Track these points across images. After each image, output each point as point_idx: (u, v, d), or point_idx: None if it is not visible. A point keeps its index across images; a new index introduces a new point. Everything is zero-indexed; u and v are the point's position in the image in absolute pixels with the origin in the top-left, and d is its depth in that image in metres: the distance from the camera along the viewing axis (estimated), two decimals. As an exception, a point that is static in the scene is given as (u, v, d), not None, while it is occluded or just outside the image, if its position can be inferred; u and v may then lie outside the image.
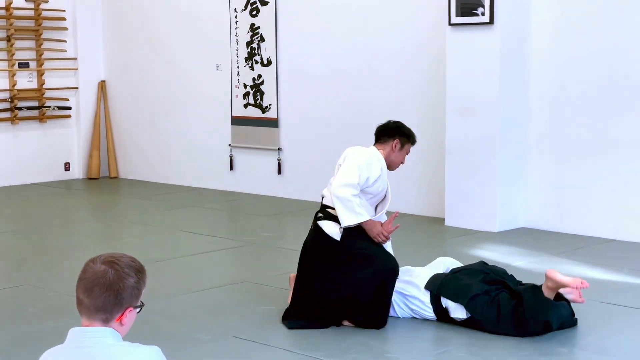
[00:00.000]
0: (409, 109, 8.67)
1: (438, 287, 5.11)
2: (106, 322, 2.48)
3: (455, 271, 5.26)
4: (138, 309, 2.56)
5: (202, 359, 4.60)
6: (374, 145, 5.38)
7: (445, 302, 5.06)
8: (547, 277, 4.85)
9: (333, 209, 5.14)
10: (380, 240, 5.14)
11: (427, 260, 6.14)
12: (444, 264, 5.42)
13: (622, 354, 4.66)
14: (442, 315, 5.10)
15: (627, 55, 7.33)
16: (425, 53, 8.50)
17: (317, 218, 5.24)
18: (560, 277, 4.81)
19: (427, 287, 5.16)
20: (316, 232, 5.20)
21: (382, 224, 5.16)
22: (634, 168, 7.36)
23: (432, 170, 8.49)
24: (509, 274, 5.28)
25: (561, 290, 4.87)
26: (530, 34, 7.80)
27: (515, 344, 4.79)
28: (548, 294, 4.85)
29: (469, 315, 4.98)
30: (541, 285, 4.92)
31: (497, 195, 7.80)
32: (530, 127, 7.90)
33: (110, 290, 2.46)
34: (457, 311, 5.03)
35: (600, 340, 4.77)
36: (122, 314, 2.48)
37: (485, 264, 5.34)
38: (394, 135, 5.38)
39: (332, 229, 5.14)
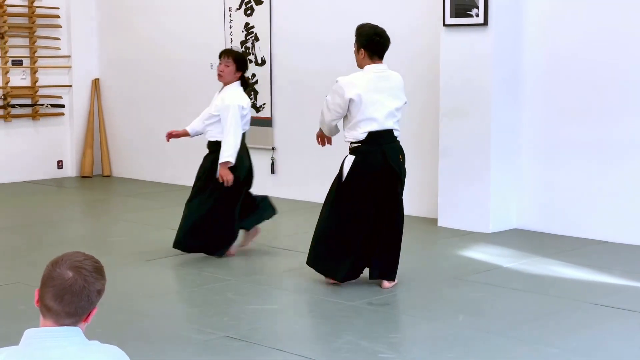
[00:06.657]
0: (403, 110, 8.65)
1: None
2: (74, 324, 2.54)
3: None
4: None
5: (193, 358, 4.59)
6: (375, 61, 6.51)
7: None
8: None
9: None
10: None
11: (420, 261, 6.14)
12: None
13: (613, 356, 4.66)
14: None
15: (619, 57, 7.33)
16: (419, 54, 8.50)
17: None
18: None
19: None
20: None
21: None
22: (626, 170, 7.37)
23: (425, 170, 8.48)
24: None
25: None
26: (524, 35, 7.81)
27: (505, 341, 4.79)
28: None
29: None
30: None
31: (490, 196, 7.80)
32: (523, 129, 7.90)
33: (81, 297, 2.52)
34: None
35: (590, 341, 4.76)
36: (89, 314, 2.56)
37: None
38: None
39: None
